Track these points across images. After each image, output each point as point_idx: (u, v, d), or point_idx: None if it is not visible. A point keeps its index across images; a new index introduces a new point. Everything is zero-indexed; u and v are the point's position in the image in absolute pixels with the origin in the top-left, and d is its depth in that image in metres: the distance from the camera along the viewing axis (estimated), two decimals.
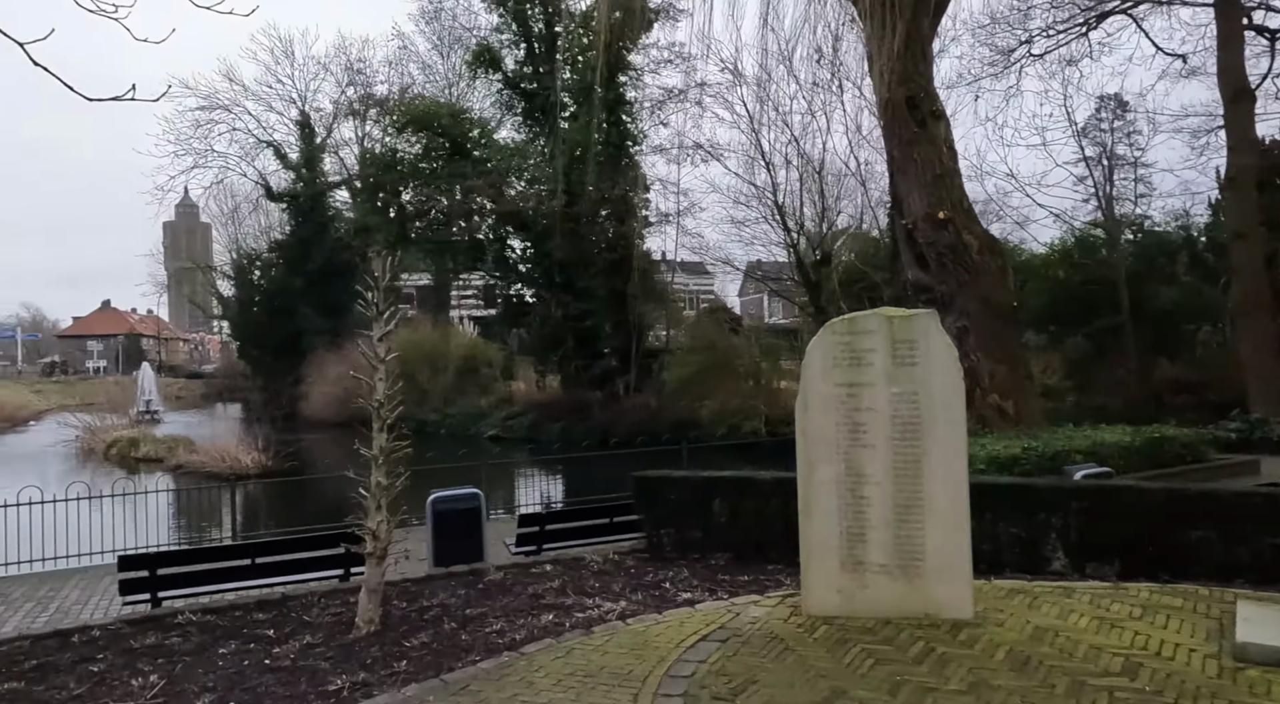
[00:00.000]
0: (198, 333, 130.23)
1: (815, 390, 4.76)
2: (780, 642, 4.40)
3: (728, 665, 4.17)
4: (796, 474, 4.94)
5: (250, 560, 7.06)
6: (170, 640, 5.82)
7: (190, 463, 22.90)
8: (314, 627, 6.02)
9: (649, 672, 4.21)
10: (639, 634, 4.82)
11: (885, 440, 4.59)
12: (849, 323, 4.74)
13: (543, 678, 4.29)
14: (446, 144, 26.45)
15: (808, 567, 4.80)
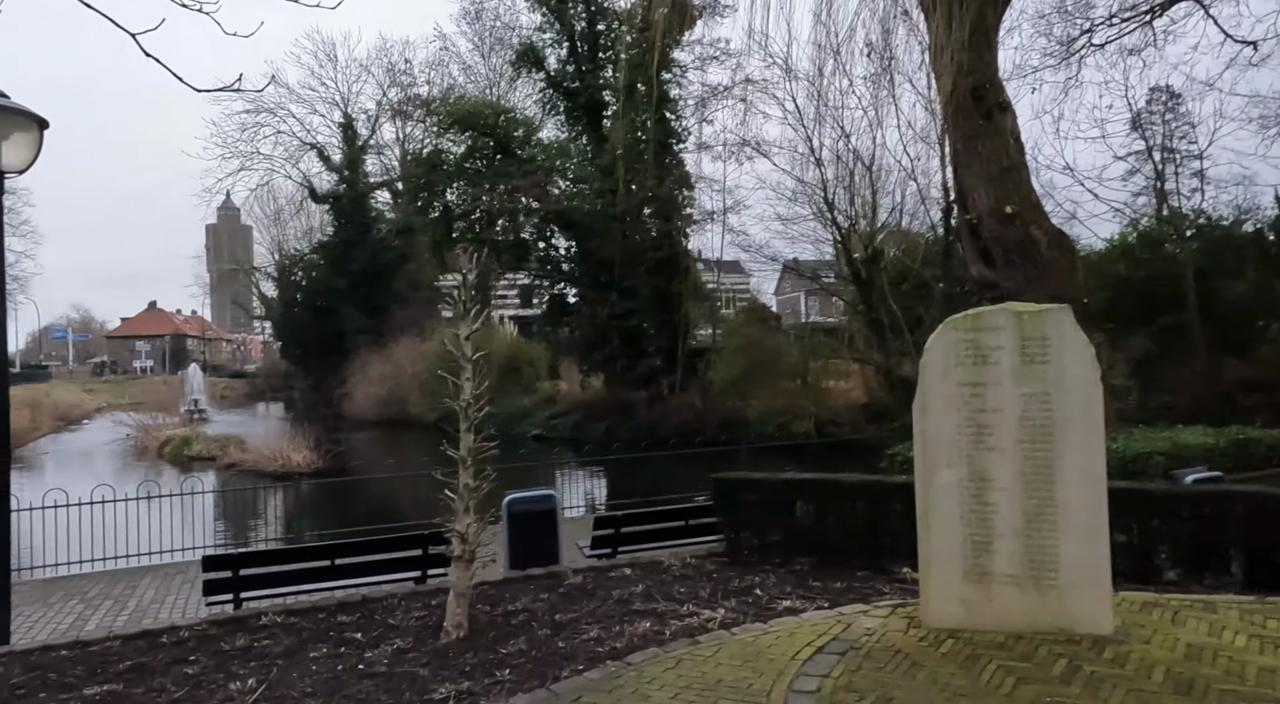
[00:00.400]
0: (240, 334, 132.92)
1: (935, 390, 4.53)
2: (905, 656, 4.19)
3: (854, 681, 3.97)
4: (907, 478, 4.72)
5: (330, 561, 7.02)
6: (261, 643, 5.76)
7: (242, 461, 23.24)
8: (400, 630, 5.93)
9: (769, 686, 4.02)
10: (748, 645, 4.63)
11: (1013, 443, 4.34)
12: (973, 319, 4.50)
13: (656, 690, 4.13)
14: (491, 143, 26.52)
15: (927, 576, 4.57)
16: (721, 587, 6.49)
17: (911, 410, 4.89)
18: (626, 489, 16.20)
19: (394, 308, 43.56)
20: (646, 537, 8.11)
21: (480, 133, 26.14)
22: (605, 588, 6.73)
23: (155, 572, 10.15)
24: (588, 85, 29.79)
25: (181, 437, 28.24)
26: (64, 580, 9.78)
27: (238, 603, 6.82)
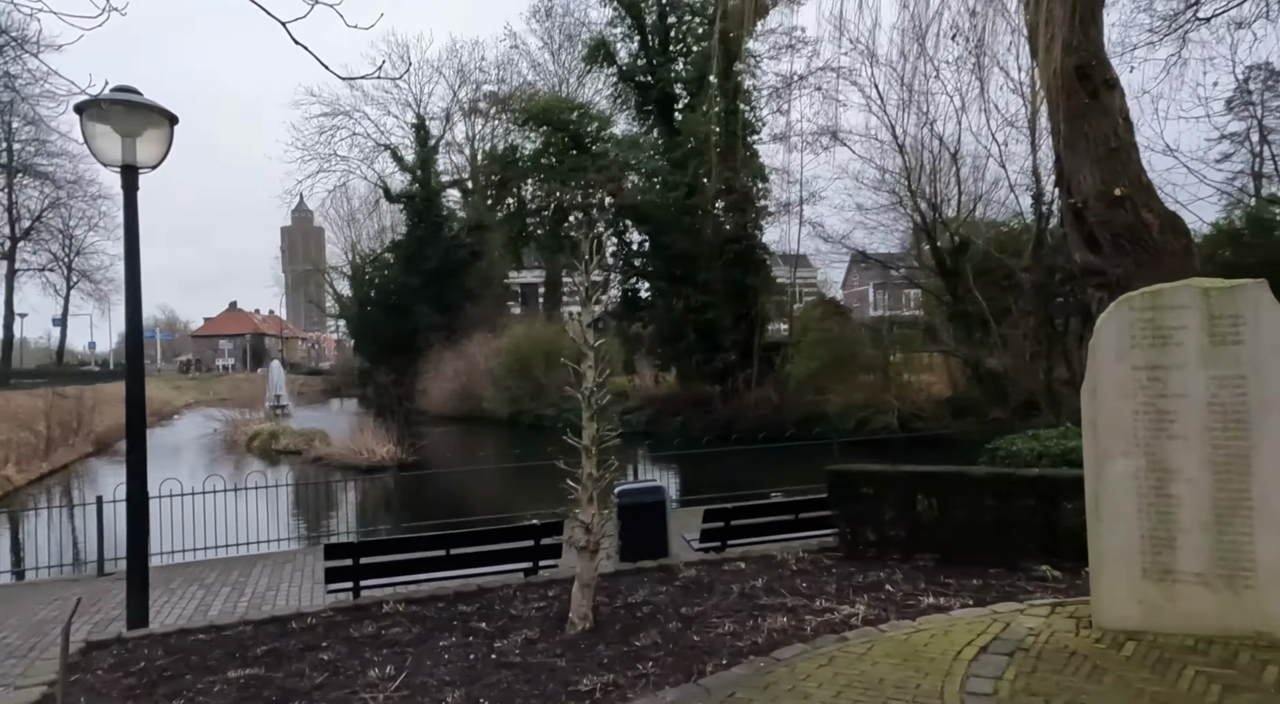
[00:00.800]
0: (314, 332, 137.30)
1: (1108, 374, 4.21)
2: (1083, 658, 3.91)
3: (1032, 684, 3.71)
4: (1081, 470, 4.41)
5: (445, 551, 7.04)
6: (389, 631, 5.79)
7: (329, 455, 23.86)
8: (524, 621, 5.88)
9: (938, 687, 3.79)
10: (902, 642, 4.41)
11: (1200, 431, 4.01)
12: (1152, 296, 4.17)
13: (816, 688, 3.95)
14: (565, 139, 26.61)
15: (1099, 574, 4.26)
16: (846, 582, 6.27)
17: (987, 405, 4.60)
18: (702, 483, 15.97)
19: (465, 305, 44.21)
20: (755, 530, 7.91)
21: (554, 128, 26.25)
22: (723, 582, 6.58)
23: (264, 560, 10.42)
24: (659, 79, 29.63)
25: (269, 431, 29.19)
26: (181, 567, 10.12)
27: (357, 591, 6.90)
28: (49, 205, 41.53)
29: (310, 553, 10.69)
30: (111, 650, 5.86)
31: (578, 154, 26.54)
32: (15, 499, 19.63)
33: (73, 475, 24.84)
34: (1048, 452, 11.00)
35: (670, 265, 26.20)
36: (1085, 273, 14.16)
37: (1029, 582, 6.00)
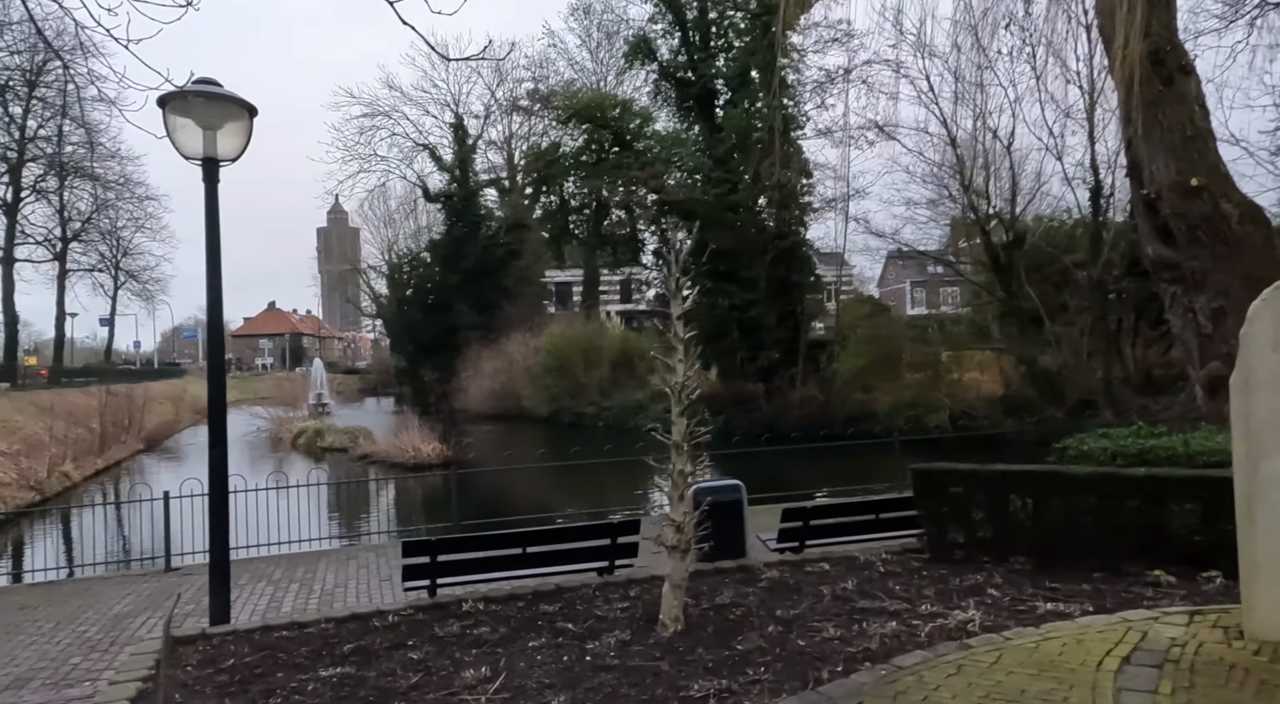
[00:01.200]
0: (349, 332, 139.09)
1: (1263, 365, 3.93)
2: (1245, 673, 3.63)
3: (1194, 699, 3.45)
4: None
5: (521, 550, 6.91)
6: (474, 630, 5.66)
7: (374, 453, 24.00)
8: (610, 621, 5.72)
9: (1088, 701, 3.55)
10: (1032, 651, 4.16)
11: None
12: None
13: (951, 699, 3.72)
14: (608, 135, 26.48)
15: (1253, 581, 3.98)
16: (942, 585, 6.01)
17: (1042, 404, 4.31)
18: (751, 483, 15.70)
19: (503, 304, 44.37)
20: (835, 530, 7.68)
21: (597, 126, 26.15)
22: (810, 583, 6.37)
23: (327, 556, 10.41)
24: (700, 75, 29.40)
25: (313, 429, 29.49)
26: (246, 563, 10.13)
27: (434, 588, 6.79)
28: (98, 207, 42.45)
29: (373, 550, 10.67)
30: (197, 646, 5.81)
31: (620, 151, 26.42)
32: (74, 495, 20.00)
33: (124, 472, 25.30)
34: (1122, 451, 10.60)
35: (714, 262, 25.95)
36: (1158, 266, 13.68)
37: (1142, 587, 5.69)
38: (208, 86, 6.18)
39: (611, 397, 32.99)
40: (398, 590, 8.55)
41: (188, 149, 6.30)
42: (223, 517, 6.34)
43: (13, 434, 21.71)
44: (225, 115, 6.32)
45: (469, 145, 45.53)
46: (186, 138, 6.28)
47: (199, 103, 6.17)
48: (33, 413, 25.40)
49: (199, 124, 6.26)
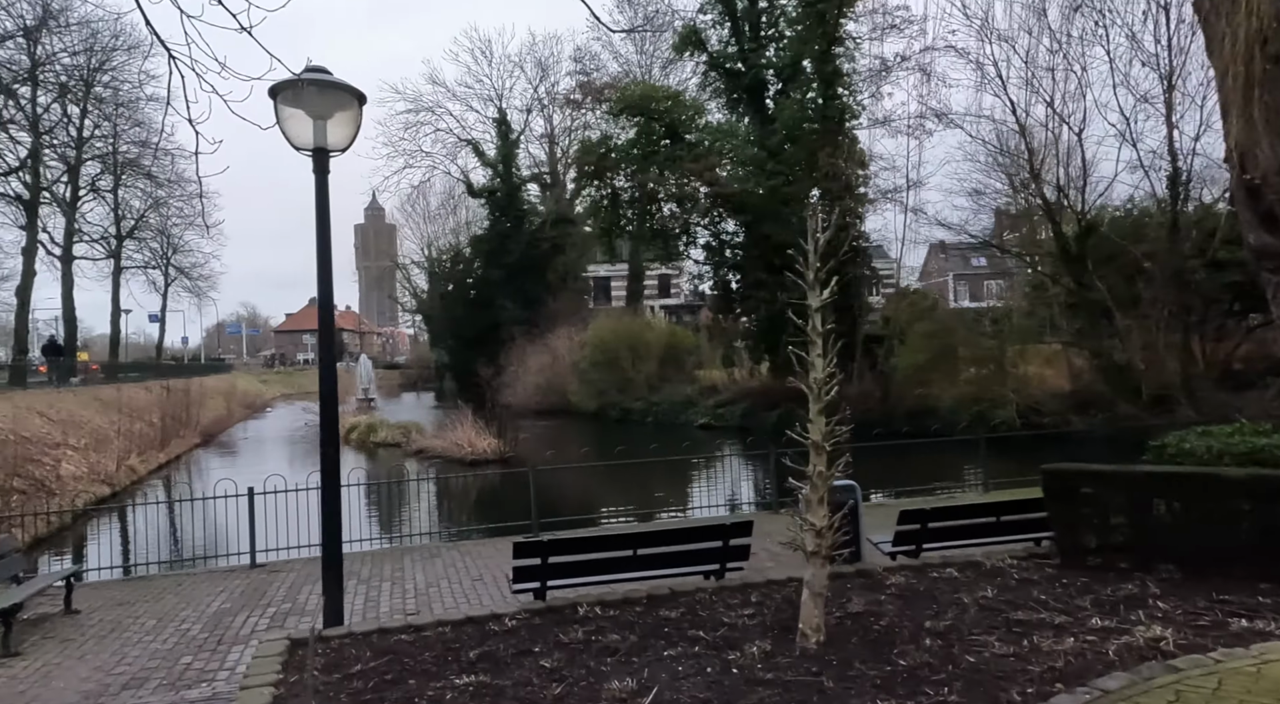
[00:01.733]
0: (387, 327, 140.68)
1: None
2: None
3: None
4: None
5: (632, 551, 6.69)
6: (602, 637, 5.44)
7: (430, 448, 24.02)
8: (742, 630, 5.46)
9: None
10: (1255, 676, 3.81)
11: None
12: None
13: None
14: (660, 128, 26.19)
15: None
16: (1093, 595, 5.66)
17: (1115, 400, 3.93)
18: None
19: (547, 298, 44.37)
20: (953, 533, 7.35)
21: (649, 118, 25.86)
22: (942, 591, 6.05)
23: (410, 553, 10.31)
24: (751, 65, 28.94)
25: (366, 424, 29.65)
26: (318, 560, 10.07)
27: (543, 591, 6.61)
28: (152, 205, 43.21)
29: (456, 547, 10.55)
30: (313, 648, 5.68)
31: (671, 143, 26.10)
32: (140, 488, 20.30)
33: (183, 465, 25.68)
34: (1230, 449, 10.10)
35: (768, 255, 25.54)
36: (1260, 255, 13.02)
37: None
38: (319, 74, 6.03)
39: (660, 391, 32.75)
40: (493, 590, 8.41)
41: (299, 139, 6.16)
42: (335, 514, 6.20)
43: (80, 428, 22.11)
44: (335, 104, 6.16)
45: (512, 140, 45.55)
46: (297, 128, 6.13)
47: (310, 92, 6.02)
48: (96, 407, 25.88)
49: (309, 114, 6.11)
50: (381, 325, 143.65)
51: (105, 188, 40.10)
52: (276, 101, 6.06)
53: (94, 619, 7.79)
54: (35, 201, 32.06)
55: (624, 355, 34.27)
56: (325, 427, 6.28)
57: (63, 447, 19.42)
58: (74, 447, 20.00)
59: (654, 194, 27.22)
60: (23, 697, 5.88)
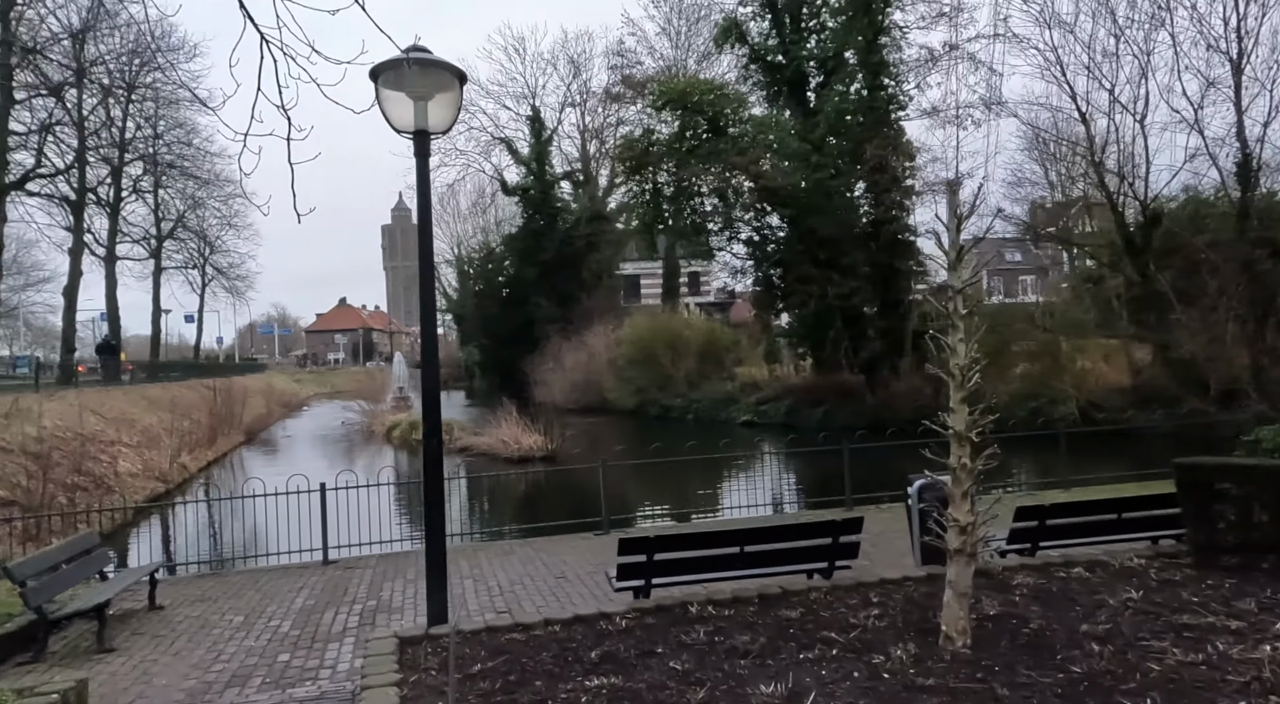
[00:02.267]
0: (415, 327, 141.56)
1: None
2: None
3: None
4: None
5: (739, 548, 6.43)
6: (727, 638, 5.17)
7: (475, 445, 23.92)
8: (876, 631, 5.17)
9: None
10: None
11: None
12: None
13: None
14: (703, 122, 25.86)
15: None
16: (1251, 597, 5.29)
17: (1179, 394, 3.57)
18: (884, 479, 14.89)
19: (581, 296, 44.23)
20: (1073, 531, 7.00)
21: (692, 111, 25.55)
22: (1077, 592, 5.72)
23: (484, 550, 10.14)
24: (793, 57, 28.51)
25: (408, 421, 29.63)
26: (404, 557, 9.92)
27: (648, 589, 6.36)
28: (191, 205, 43.64)
29: (528, 544, 10.34)
30: (423, 648, 5.47)
31: (713, 137, 25.77)
32: (190, 487, 20.39)
33: (229, 463, 25.82)
34: None
35: (814, 250, 25.14)
36: None
37: None
38: (421, 54, 5.82)
39: (699, 389, 32.44)
40: (579, 588, 8.19)
41: (399, 122, 5.97)
42: (439, 509, 6.00)
43: (132, 426, 22.27)
44: (437, 84, 5.96)
45: (545, 138, 45.44)
46: (398, 110, 5.94)
47: (412, 73, 5.81)
48: (145, 406, 26.11)
49: (410, 96, 5.91)
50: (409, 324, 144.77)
51: (146, 188, 40.57)
52: (377, 83, 5.87)
53: (179, 615, 7.68)
54: (81, 202, 32.46)
55: (662, 352, 34.00)
56: (428, 419, 6.08)
57: (117, 444, 19.55)
58: (128, 444, 20.13)
59: (696, 189, 26.90)
60: (127, 694, 5.75)
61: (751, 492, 15.58)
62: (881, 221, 25.35)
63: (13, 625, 6.91)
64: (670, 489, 17.01)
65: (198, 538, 12.45)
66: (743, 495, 13.51)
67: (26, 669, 6.29)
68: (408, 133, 5.99)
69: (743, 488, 15.48)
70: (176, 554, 11.58)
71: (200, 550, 11.95)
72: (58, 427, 17.24)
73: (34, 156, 26.72)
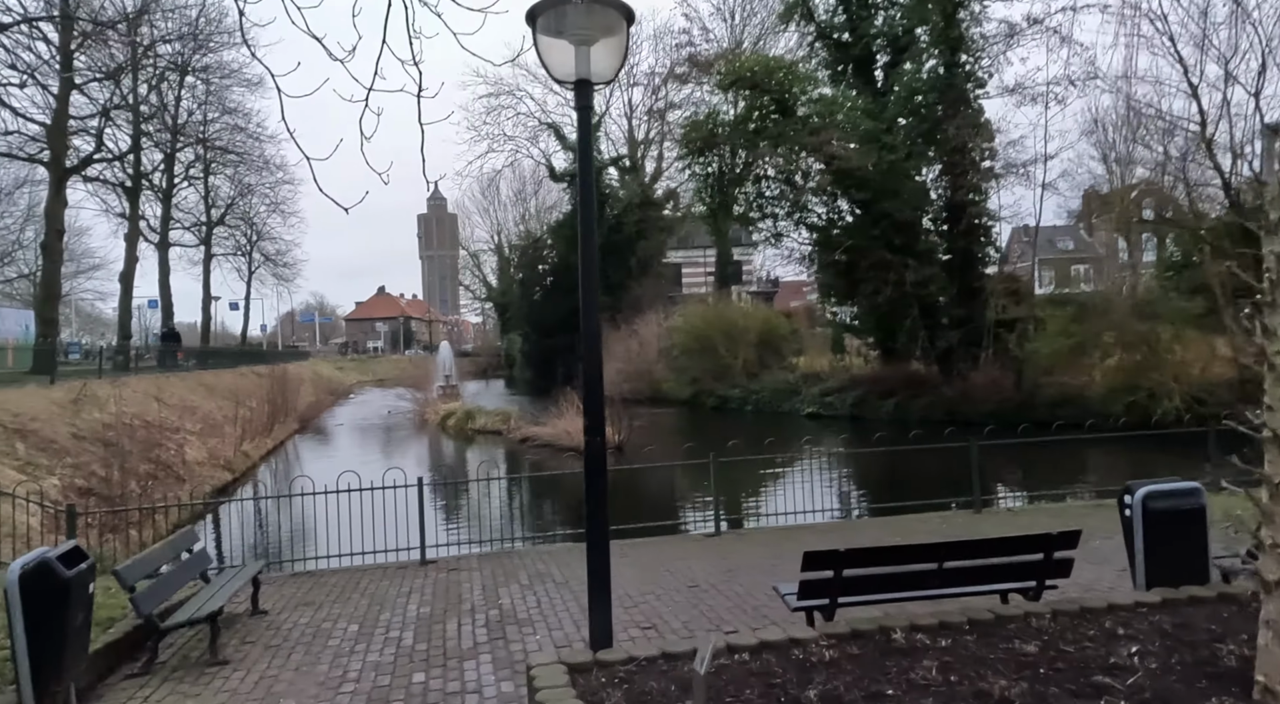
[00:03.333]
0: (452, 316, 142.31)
1: None
2: None
3: None
4: None
5: (937, 564, 5.59)
6: (970, 680, 4.33)
7: (535, 435, 23.28)
8: (1157, 675, 4.29)
9: None
10: None
11: None
12: None
13: None
14: (770, 102, 24.83)
15: None
16: None
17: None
18: (930, 484, 13.80)
19: (629, 284, 43.46)
20: None
21: (760, 91, 24.53)
22: None
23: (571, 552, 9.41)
24: (860, 35, 27.33)
25: (463, 411, 29.15)
26: (503, 557, 9.22)
27: (832, 609, 5.55)
28: (240, 192, 43.62)
29: (637, 546, 9.55)
30: (596, 678, 4.72)
31: (782, 118, 24.73)
32: (253, 476, 20.02)
33: (285, 451, 25.51)
34: None
35: (889, 235, 24.03)
36: None
37: None
38: None
39: (759, 379, 31.51)
40: (718, 600, 7.40)
41: (559, 70, 5.17)
42: (602, 514, 5.23)
43: (193, 413, 21.99)
44: (602, 26, 5.14)
45: (594, 122, 44.64)
46: (557, 57, 5.15)
47: (576, 16, 5.02)
48: (203, 393, 25.89)
49: (572, 40, 5.11)
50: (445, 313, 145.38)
51: (197, 175, 40.55)
52: (535, 27, 5.09)
53: (287, 622, 7.04)
54: (137, 188, 32.39)
55: (720, 341, 33.09)
56: (590, 411, 5.31)
57: (182, 431, 19.22)
58: (191, 431, 19.80)
59: (763, 171, 25.90)
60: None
61: (845, 492, 14.70)
62: (960, 205, 24.15)
63: (118, 631, 6.33)
64: (765, 487, 16.05)
65: (278, 534, 11.89)
66: (823, 497, 12.39)
67: (139, 682, 5.68)
68: (568, 83, 5.20)
69: (824, 487, 14.54)
70: (259, 550, 11.02)
71: (284, 546, 11.39)
72: (124, 413, 16.88)
73: (93, 141, 26.53)
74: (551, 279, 50.96)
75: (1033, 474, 14.56)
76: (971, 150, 24.29)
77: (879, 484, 14.59)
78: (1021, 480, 14.69)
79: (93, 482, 12.45)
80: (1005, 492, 14.36)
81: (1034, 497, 12.41)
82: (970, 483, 10.27)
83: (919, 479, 13.72)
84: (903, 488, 12.75)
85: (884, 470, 15.20)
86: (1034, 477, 14.34)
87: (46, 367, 20.87)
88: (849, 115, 23.91)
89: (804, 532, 9.89)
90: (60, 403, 15.79)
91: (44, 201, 25.45)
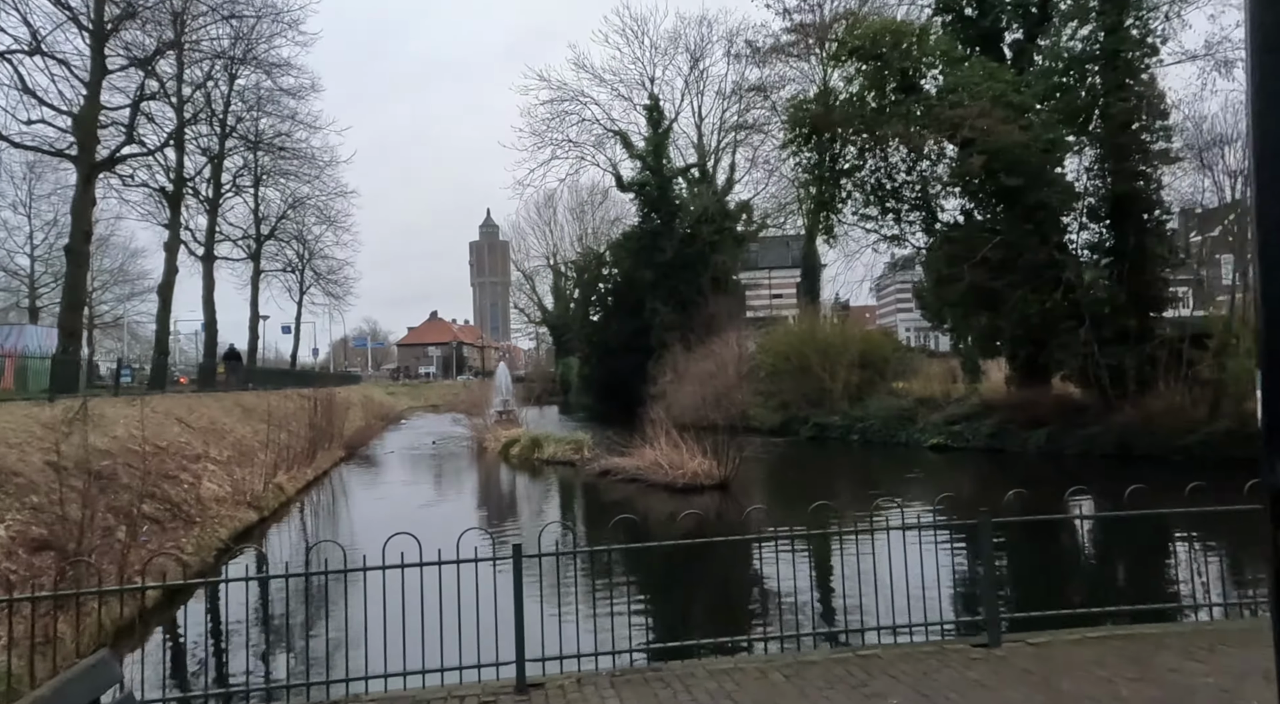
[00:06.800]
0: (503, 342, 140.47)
1: None
2: None
3: None
4: None
5: None
6: None
7: (620, 469, 19.54)
8: None
9: None
10: None
11: None
12: None
13: None
14: (894, 76, 21.10)
15: None
16: None
17: None
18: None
19: (701, 302, 39.81)
20: None
21: (882, 63, 20.83)
22: None
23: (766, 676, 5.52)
24: (986, 9, 23.56)
25: (528, 438, 25.61)
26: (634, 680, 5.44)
27: None
28: (291, 205, 41.31)
29: (868, 663, 5.69)
30: None
31: (905, 95, 21.01)
32: (285, 515, 16.69)
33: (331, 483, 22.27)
34: None
35: (1045, 230, 19.97)
36: None
37: None
38: None
39: (864, 404, 27.38)
40: None
41: None
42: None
43: (222, 438, 18.85)
44: None
45: (664, 129, 41.38)
46: None
47: None
48: (239, 415, 22.88)
49: None
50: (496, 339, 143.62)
51: (246, 185, 38.31)
52: None
53: None
54: (179, 194, 29.97)
55: (814, 362, 29.10)
56: None
57: (204, 460, 15.98)
58: (216, 460, 16.58)
59: (882, 158, 22.11)
60: None
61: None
62: (1128, 196, 19.97)
63: None
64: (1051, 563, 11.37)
65: (299, 633, 7.72)
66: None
67: None
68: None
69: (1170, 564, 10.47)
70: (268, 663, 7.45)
71: (302, 649, 7.29)
72: (132, 437, 13.66)
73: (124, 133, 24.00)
74: (613, 298, 47.68)
75: None
76: (1140, 131, 20.17)
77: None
78: None
79: (58, 529, 9.07)
80: None
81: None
82: None
83: None
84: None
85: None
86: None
87: (69, 384, 18.03)
88: (992, 87, 19.98)
89: (1173, 639, 5.90)
90: (49, 424, 12.63)
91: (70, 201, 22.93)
